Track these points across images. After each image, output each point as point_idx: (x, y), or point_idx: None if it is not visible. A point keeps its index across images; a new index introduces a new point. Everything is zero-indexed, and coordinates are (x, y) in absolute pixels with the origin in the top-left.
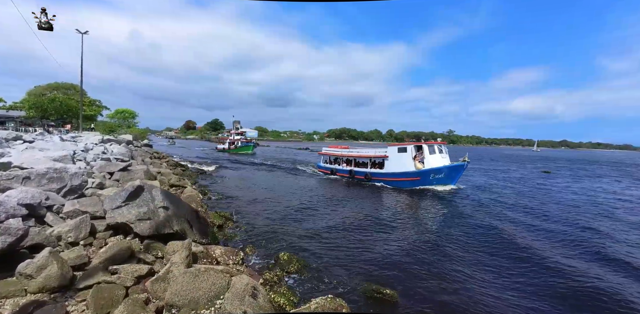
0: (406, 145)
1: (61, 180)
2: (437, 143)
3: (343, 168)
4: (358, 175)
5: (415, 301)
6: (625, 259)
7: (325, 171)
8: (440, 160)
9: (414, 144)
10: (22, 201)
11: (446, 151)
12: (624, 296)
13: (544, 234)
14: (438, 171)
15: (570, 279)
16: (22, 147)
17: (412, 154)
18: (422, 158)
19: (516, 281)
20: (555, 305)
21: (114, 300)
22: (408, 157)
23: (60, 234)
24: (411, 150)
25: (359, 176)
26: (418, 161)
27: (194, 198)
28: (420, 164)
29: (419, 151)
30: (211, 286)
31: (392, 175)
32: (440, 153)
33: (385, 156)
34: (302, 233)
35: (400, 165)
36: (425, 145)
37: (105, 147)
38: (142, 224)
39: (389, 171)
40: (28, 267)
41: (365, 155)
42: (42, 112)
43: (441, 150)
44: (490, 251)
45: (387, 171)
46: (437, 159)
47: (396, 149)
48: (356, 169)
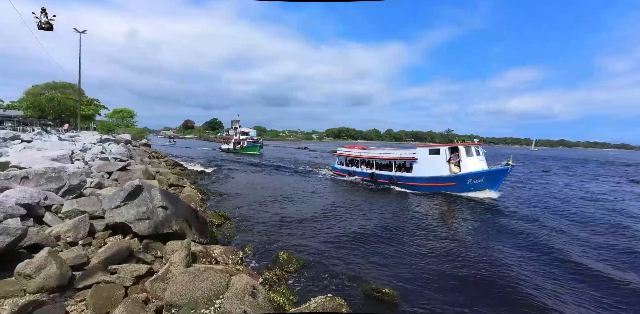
0: (439, 147)
1: (60, 180)
2: (474, 144)
3: (363, 170)
4: (381, 179)
5: (415, 301)
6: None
7: (342, 173)
8: (477, 163)
9: (448, 145)
10: (21, 201)
11: (483, 153)
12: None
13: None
14: (477, 176)
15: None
16: (20, 146)
17: (446, 156)
18: (458, 161)
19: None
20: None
21: (113, 300)
22: (441, 159)
23: (59, 234)
24: (445, 152)
25: (382, 180)
26: (453, 165)
27: (192, 198)
28: (456, 168)
29: (453, 153)
30: (211, 285)
31: (423, 179)
32: (477, 156)
33: (413, 158)
34: (302, 233)
35: (432, 168)
36: (462, 146)
37: (104, 147)
38: (141, 224)
39: (419, 175)
40: (27, 267)
41: (389, 156)
42: (39, 112)
43: (478, 152)
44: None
45: (416, 175)
46: (474, 162)
47: (427, 151)
48: (379, 172)
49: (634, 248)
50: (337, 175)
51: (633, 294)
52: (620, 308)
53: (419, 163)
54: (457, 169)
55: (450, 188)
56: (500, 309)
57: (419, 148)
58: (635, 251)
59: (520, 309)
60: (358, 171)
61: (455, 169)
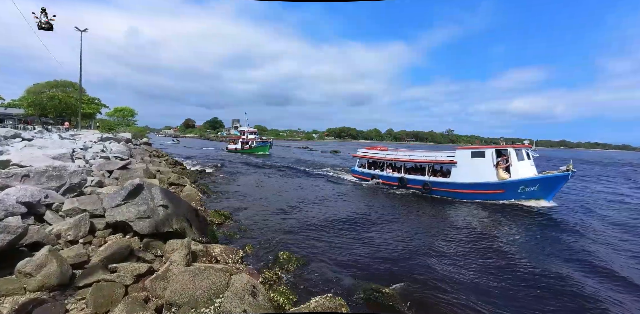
0: (484, 149)
1: (60, 178)
2: (525, 146)
3: (389, 174)
4: (412, 184)
5: (415, 301)
6: None
7: (364, 177)
8: (529, 168)
9: (494, 147)
10: (22, 199)
11: (534, 156)
12: None
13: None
14: (531, 183)
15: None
16: (21, 144)
17: (493, 160)
18: (508, 165)
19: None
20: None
21: (114, 298)
22: (487, 163)
23: (60, 232)
24: (491, 154)
25: (413, 185)
26: (502, 170)
27: (193, 197)
28: (504, 173)
29: (501, 156)
30: (211, 284)
31: (464, 185)
32: (528, 160)
33: (452, 161)
34: (304, 234)
35: (475, 173)
36: (512, 148)
37: (105, 145)
38: (141, 222)
39: (459, 181)
40: (27, 265)
41: (421, 159)
42: (41, 110)
43: (529, 155)
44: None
45: (455, 181)
46: (526, 167)
47: (469, 153)
48: (409, 176)
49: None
50: (359, 178)
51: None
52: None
53: (459, 167)
54: (507, 175)
55: (497, 196)
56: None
57: (459, 151)
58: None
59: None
60: (383, 175)
61: (504, 175)
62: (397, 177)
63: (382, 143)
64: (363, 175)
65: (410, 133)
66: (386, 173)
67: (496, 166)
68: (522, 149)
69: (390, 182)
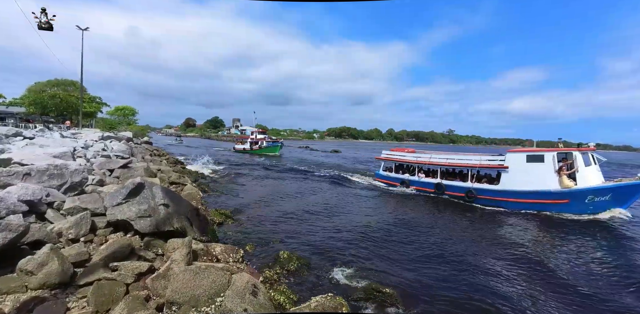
0: (543, 152)
1: (62, 177)
2: (590, 149)
3: (423, 180)
4: (452, 191)
5: (415, 301)
6: None
7: (391, 182)
8: (596, 174)
9: (556, 150)
10: (23, 197)
11: (600, 161)
12: None
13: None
14: (602, 192)
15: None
16: (23, 143)
17: (554, 165)
18: (573, 171)
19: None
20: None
21: (115, 297)
22: (546, 169)
23: (61, 231)
24: (552, 159)
25: (453, 192)
26: (566, 177)
27: (194, 196)
28: (569, 181)
29: (564, 161)
30: (211, 283)
31: (518, 194)
32: (595, 165)
33: (501, 166)
34: (305, 233)
35: (532, 180)
36: (578, 152)
37: (105, 144)
38: (142, 221)
39: (511, 188)
40: (29, 263)
41: (463, 163)
42: (42, 109)
43: (595, 159)
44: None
45: (506, 189)
46: (593, 174)
47: (524, 157)
48: (448, 182)
49: None
50: (385, 183)
51: None
52: None
53: (511, 172)
54: (572, 182)
55: (559, 208)
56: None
57: (510, 154)
58: None
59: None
60: (415, 181)
61: (569, 182)
62: (434, 183)
63: (383, 143)
64: (390, 179)
65: (411, 133)
66: (418, 178)
67: (558, 173)
68: (588, 152)
69: (425, 188)
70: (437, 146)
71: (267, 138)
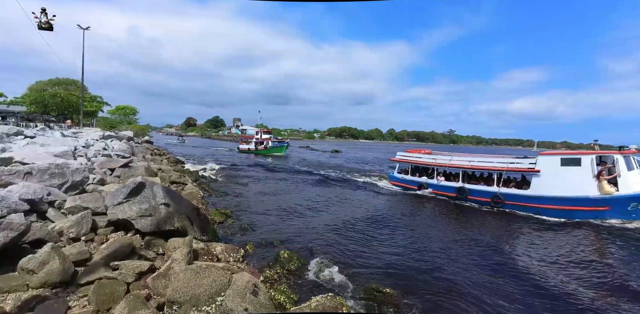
0: (580, 155)
1: (63, 176)
2: (633, 152)
3: (443, 183)
4: (476, 196)
5: (416, 301)
6: None
7: (408, 185)
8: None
9: (594, 153)
10: (24, 196)
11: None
12: None
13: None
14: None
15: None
16: (24, 142)
17: (593, 169)
18: (614, 176)
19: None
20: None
21: (116, 296)
22: (584, 173)
23: (62, 229)
24: (590, 162)
25: (477, 197)
26: (606, 182)
27: (194, 195)
28: (610, 186)
29: (603, 164)
30: (212, 283)
31: (551, 200)
32: (638, 169)
33: (532, 170)
34: (305, 233)
35: (567, 185)
36: (620, 155)
37: (106, 143)
38: (143, 220)
39: (544, 194)
40: (30, 262)
41: (488, 166)
42: (43, 108)
43: (637, 164)
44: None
45: (538, 194)
46: (637, 178)
47: (557, 160)
48: (472, 186)
49: None
50: (401, 187)
51: None
52: None
53: (543, 176)
54: (613, 188)
55: (598, 215)
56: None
57: (542, 157)
58: None
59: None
60: (434, 184)
61: (610, 188)
62: (455, 187)
63: (383, 143)
64: (406, 182)
65: (412, 133)
66: (437, 182)
67: (598, 177)
68: (630, 156)
69: (445, 192)
70: (438, 146)
71: (273, 138)
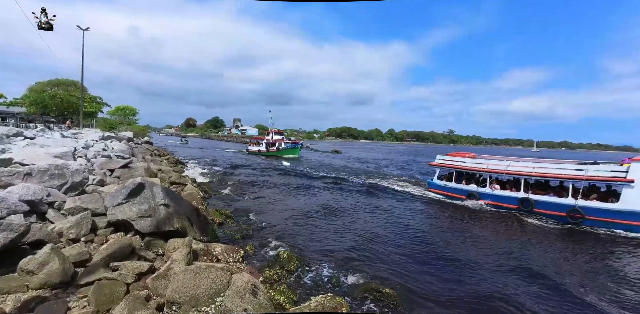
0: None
1: (62, 177)
2: None
3: (500, 193)
4: (544, 209)
5: (415, 301)
6: None
7: (452, 194)
8: None
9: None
10: (24, 197)
11: None
12: None
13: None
14: None
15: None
16: (23, 143)
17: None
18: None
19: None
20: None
21: (115, 296)
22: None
23: (62, 230)
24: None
25: (547, 210)
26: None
27: (194, 196)
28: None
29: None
30: (212, 283)
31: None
32: None
33: (622, 179)
34: (305, 234)
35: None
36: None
37: (106, 144)
38: (142, 221)
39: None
40: (30, 263)
41: (559, 174)
42: (42, 109)
43: None
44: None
45: (631, 209)
46: None
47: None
48: (539, 198)
49: None
50: (443, 195)
51: None
52: None
53: (638, 187)
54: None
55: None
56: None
57: (637, 164)
58: None
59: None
60: (488, 194)
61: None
62: (518, 198)
63: (383, 143)
64: (450, 191)
65: (412, 134)
66: (492, 191)
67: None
68: None
69: (502, 204)
70: (438, 146)
71: (285, 139)
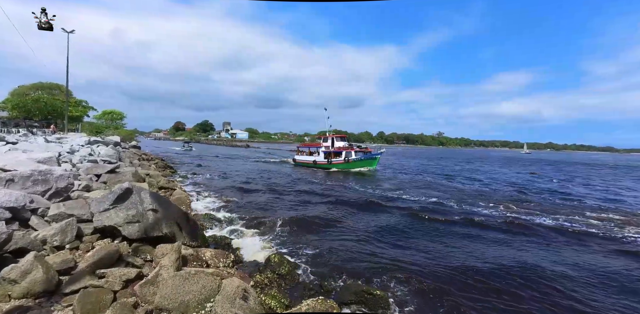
0: None
1: (46, 183)
2: None
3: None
4: None
5: (407, 303)
6: None
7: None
8: None
9: None
10: (5, 204)
11: None
12: None
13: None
14: None
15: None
16: (5, 148)
17: None
18: None
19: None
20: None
21: (102, 304)
22: None
23: (46, 238)
24: None
25: None
26: None
27: (183, 201)
28: None
29: None
30: (201, 289)
31: None
32: None
33: None
34: (298, 237)
35: None
36: None
37: (92, 149)
38: (130, 227)
39: None
40: (12, 272)
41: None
42: (25, 113)
43: None
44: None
45: None
46: None
47: None
48: None
49: None
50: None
51: None
52: None
53: None
54: None
55: None
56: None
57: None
58: None
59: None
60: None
61: None
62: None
63: (373, 146)
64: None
65: (401, 136)
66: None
67: None
68: None
69: None
70: (427, 148)
71: (356, 148)
